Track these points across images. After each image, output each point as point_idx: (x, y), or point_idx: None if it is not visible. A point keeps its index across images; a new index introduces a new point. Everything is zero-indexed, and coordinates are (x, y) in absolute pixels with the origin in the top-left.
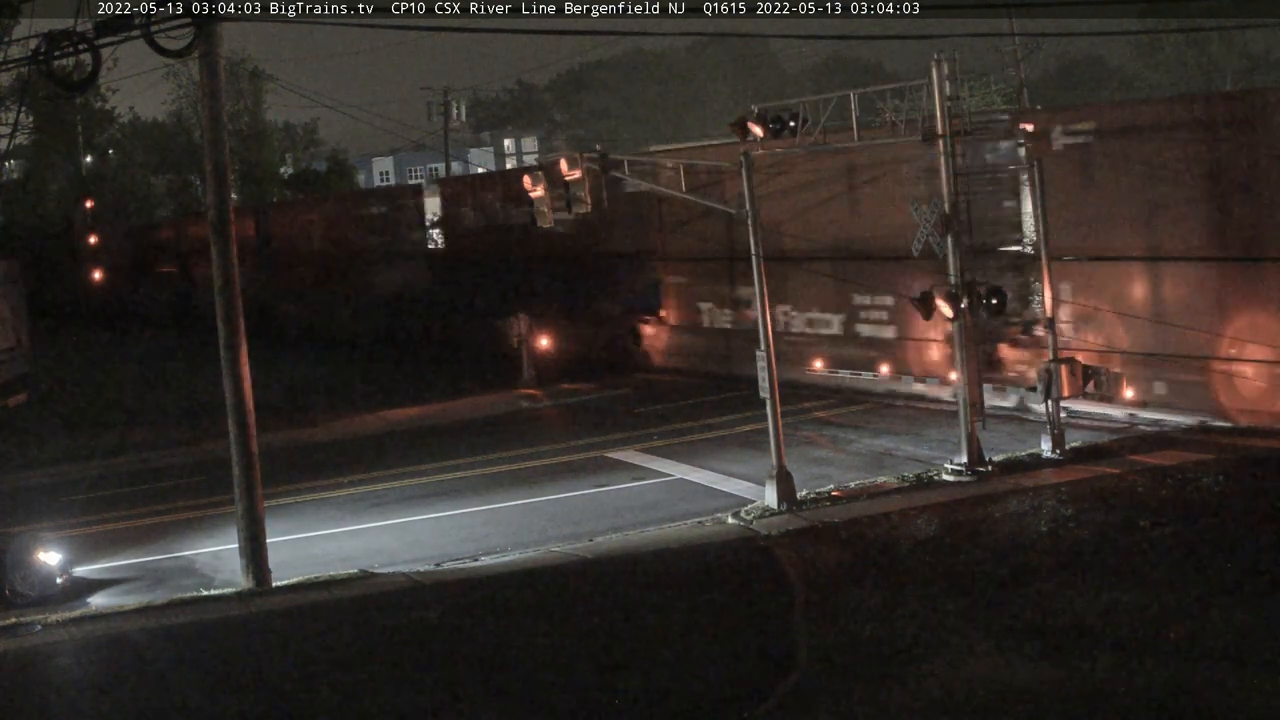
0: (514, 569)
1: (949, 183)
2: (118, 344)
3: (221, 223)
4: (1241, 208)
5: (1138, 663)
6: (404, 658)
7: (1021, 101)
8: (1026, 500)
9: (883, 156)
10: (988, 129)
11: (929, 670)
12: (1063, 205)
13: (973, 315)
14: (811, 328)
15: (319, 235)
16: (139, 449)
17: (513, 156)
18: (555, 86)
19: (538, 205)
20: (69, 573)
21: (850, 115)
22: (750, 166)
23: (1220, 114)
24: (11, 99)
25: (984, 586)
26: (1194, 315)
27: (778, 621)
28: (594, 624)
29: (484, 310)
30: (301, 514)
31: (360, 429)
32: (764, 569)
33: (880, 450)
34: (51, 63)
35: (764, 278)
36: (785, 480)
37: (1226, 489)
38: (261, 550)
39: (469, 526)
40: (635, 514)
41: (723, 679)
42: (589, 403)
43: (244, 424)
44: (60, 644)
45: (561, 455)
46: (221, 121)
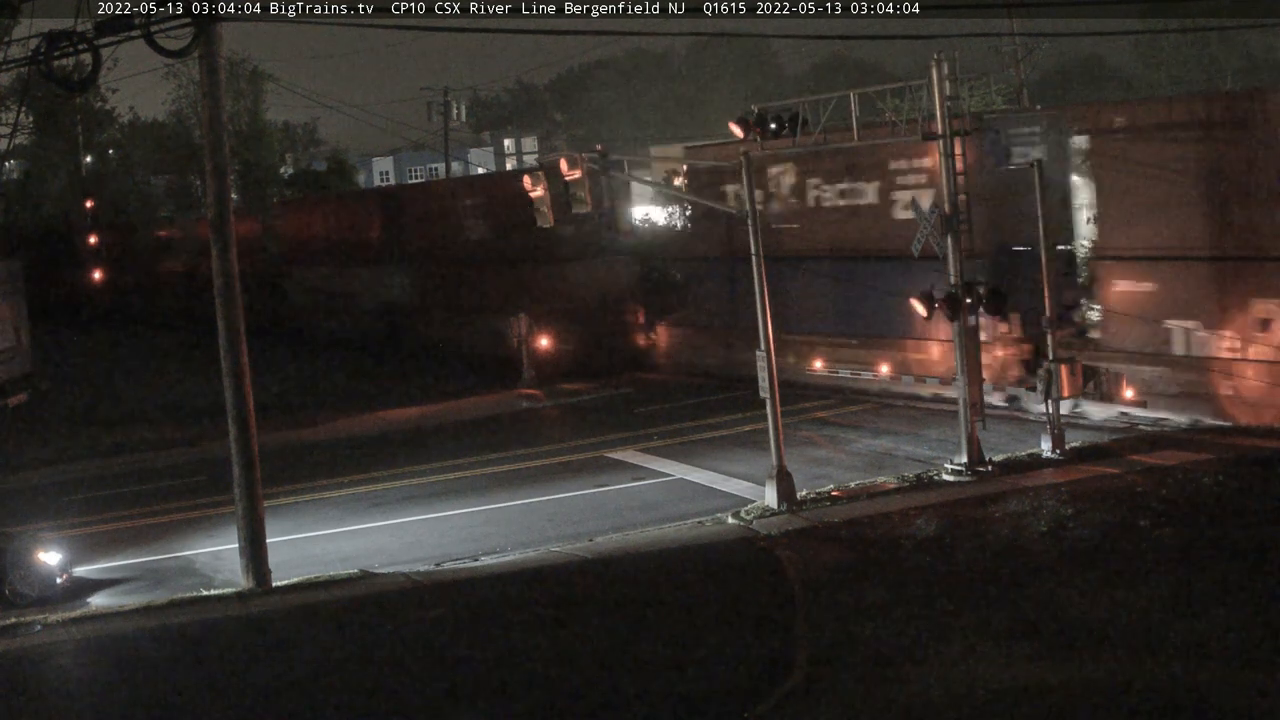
0: (514, 569)
1: (949, 183)
2: (118, 344)
3: (221, 222)
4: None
5: (1138, 663)
6: (404, 658)
7: (1021, 101)
8: (1026, 500)
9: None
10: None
11: (929, 670)
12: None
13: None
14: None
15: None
16: (139, 449)
17: (513, 156)
18: (555, 86)
19: (538, 205)
20: (69, 573)
21: (850, 115)
22: (750, 167)
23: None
24: (11, 99)
25: (984, 586)
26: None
27: (778, 621)
28: (594, 624)
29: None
30: (301, 514)
31: (360, 429)
32: (764, 569)
33: (880, 450)
34: (51, 63)
35: (764, 278)
36: (785, 480)
37: (1226, 489)
38: (261, 550)
39: (469, 526)
40: (635, 514)
41: (723, 679)
42: (589, 403)
43: (244, 424)
44: (60, 644)
45: (561, 455)
46: (221, 121)
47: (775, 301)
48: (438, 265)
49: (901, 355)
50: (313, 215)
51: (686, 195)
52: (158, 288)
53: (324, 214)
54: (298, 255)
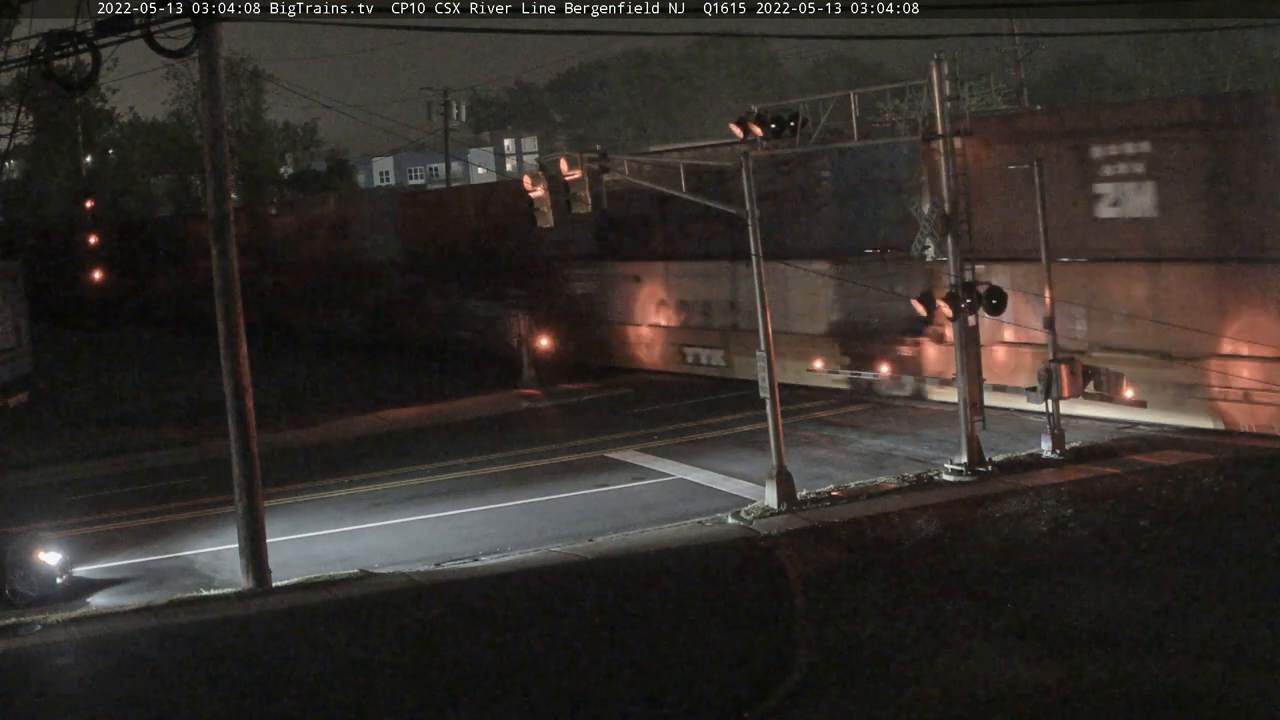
0: (514, 569)
1: (949, 183)
2: (118, 344)
3: (221, 222)
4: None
5: (1138, 663)
6: (404, 658)
7: (1021, 101)
8: (1026, 500)
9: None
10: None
11: (929, 670)
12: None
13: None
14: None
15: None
16: (139, 449)
17: (513, 156)
18: (555, 86)
19: (538, 205)
20: (69, 573)
21: (850, 115)
22: (750, 167)
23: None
24: (11, 99)
25: (984, 586)
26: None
27: (778, 621)
28: (594, 624)
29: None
30: (301, 514)
31: (360, 429)
32: (764, 569)
33: (880, 450)
34: (51, 63)
35: (764, 278)
36: (785, 480)
37: (1226, 488)
38: (261, 550)
39: (469, 526)
40: (635, 514)
41: (723, 679)
42: (589, 403)
43: (244, 424)
44: (60, 644)
45: (561, 455)
46: (221, 121)
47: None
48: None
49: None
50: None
51: (686, 195)
52: (158, 287)
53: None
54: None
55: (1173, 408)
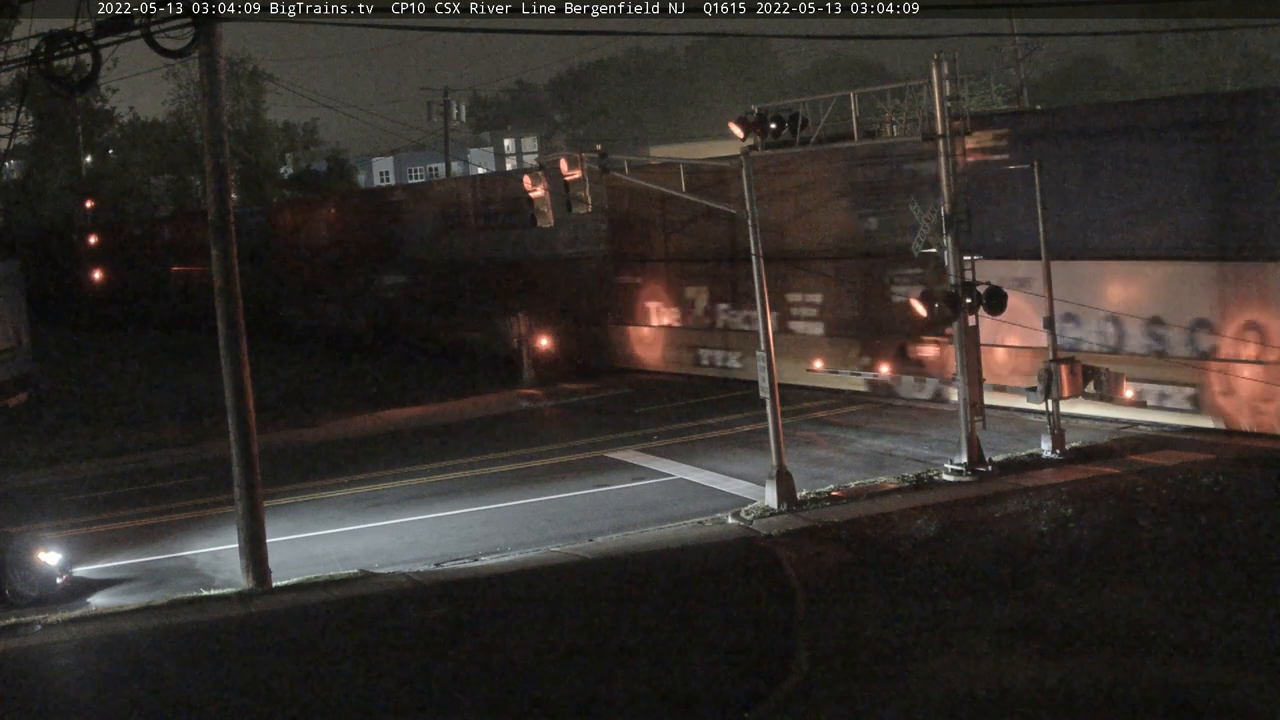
0: (514, 569)
1: (949, 183)
2: (118, 344)
3: (222, 222)
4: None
5: (1138, 663)
6: (404, 658)
7: (1021, 101)
8: (1026, 500)
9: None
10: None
11: (929, 670)
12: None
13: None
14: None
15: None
16: (139, 449)
17: (513, 156)
18: (555, 86)
19: (538, 205)
20: (69, 573)
21: (850, 115)
22: (750, 167)
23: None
24: (11, 99)
25: (984, 586)
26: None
27: (778, 621)
28: (594, 624)
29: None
30: (301, 514)
31: (360, 429)
32: (764, 569)
33: (880, 450)
34: (51, 63)
35: (764, 278)
36: (785, 480)
37: (1226, 488)
38: (261, 550)
39: (469, 526)
40: (635, 514)
41: (723, 679)
42: (589, 403)
43: (244, 424)
44: (60, 644)
45: (561, 455)
46: (221, 121)
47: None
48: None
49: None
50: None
51: (686, 195)
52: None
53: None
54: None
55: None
